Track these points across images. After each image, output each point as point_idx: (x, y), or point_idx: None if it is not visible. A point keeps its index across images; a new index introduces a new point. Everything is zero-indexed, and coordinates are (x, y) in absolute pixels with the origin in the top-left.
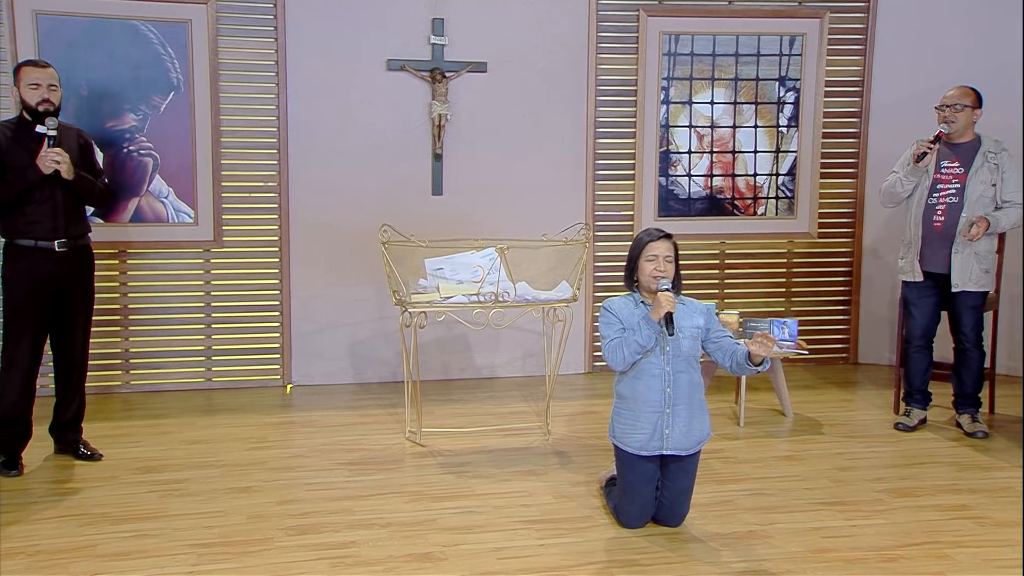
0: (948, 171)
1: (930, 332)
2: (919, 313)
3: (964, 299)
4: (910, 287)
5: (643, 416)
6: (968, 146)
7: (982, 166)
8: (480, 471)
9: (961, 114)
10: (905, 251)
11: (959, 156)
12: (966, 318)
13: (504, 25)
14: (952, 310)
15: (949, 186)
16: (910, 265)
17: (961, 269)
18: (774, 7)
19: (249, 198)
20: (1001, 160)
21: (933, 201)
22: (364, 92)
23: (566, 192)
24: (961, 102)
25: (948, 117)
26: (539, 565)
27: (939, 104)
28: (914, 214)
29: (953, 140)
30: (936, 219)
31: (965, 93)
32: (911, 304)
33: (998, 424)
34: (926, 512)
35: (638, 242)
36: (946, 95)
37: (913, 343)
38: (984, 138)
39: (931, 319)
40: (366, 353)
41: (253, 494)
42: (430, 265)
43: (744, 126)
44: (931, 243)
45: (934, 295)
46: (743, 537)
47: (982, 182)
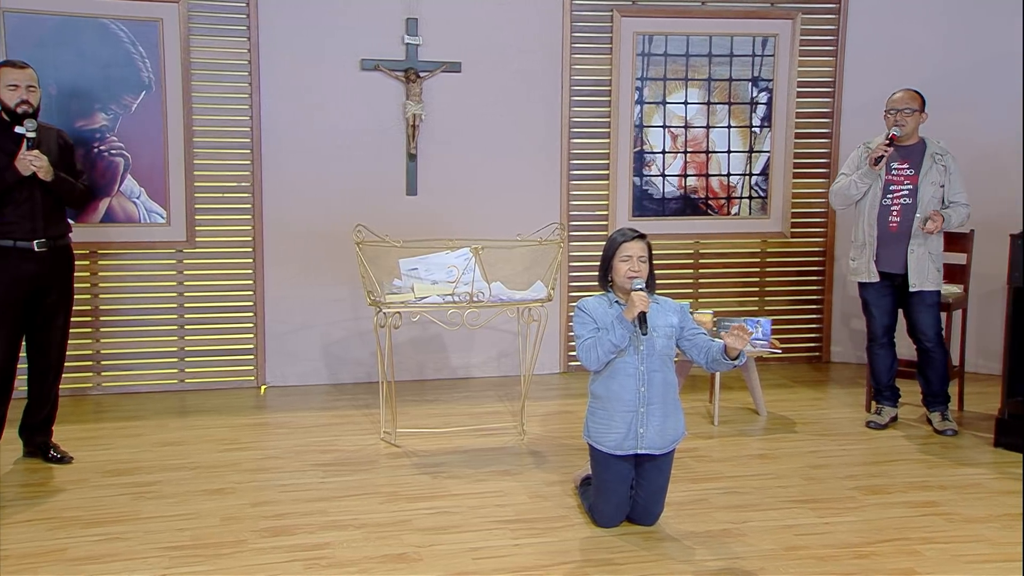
0: (899, 173)
1: (891, 329)
2: (879, 312)
3: (922, 298)
4: (867, 288)
5: (617, 415)
6: (916, 148)
7: (931, 168)
8: (455, 471)
9: (911, 118)
10: (858, 253)
11: (908, 158)
12: (924, 317)
13: (478, 25)
14: (909, 310)
15: (902, 187)
16: (865, 266)
17: (918, 269)
18: (747, 8)
19: (222, 198)
20: (947, 162)
21: (887, 202)
22: (338, 92)
23: (541, 192)
24: (910, 106)
25: (899, 121)
26: (514, 565)
27: (888, 108)
28: (867, 215)
29: (902, 142)
30: (892, 220)
31: (912, 97)
32: (870, 304)
33: (967, 421)
34: (897, 509)
35: (612, 242)
36: (893, 99)
37: (877, 341)
38: (928, 140)
39: (891, 316)
40: (341, 354)
41: (226, 496)
42: (404, 265)
43: (717, 126)
44: (887, 243)
45: (891, 294)
46: (717, 535)
47: (932, 183)
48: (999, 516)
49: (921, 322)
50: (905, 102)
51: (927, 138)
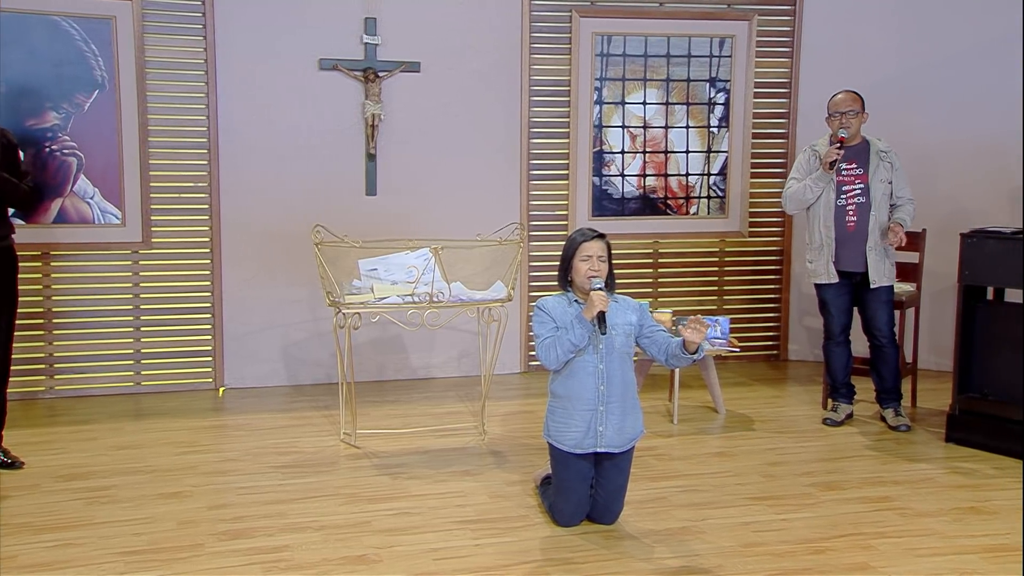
0: (849, 173)
1: (848, 327)
2: (836, 311)
3: (879, 294)
4: (825, 288)
5: (577, 414)
6: (861, 148)
7: (879, 165)
8: (415, 472)
9: (855, 119)
10: (815, 255)
11: (855, 158)
12: (881, 314)
13: (437, 25)
14: (865, 307)
15: (854, 187)
16: (824, 267)
17: (876, 266)
18: (704, 9)
19: (179, 199)
20: (893, 159)
21: (842, 203)
22: (296, 91)
23: (501, 192)
24: (853, 108)
25: (844, 123)
26: (474, 565)
27: (831, 111)
28: (823, 217)
29: (847, 143)
30: (849, 220)
31: (854, 99)
32: (828, 303)
33: (920, 417)
34: (852, 504)
35: (571, 242)
36: (835, 101)
37: (833, 339)
38: (871, 139)
39: (848, 315)
40: (300, 355)
41: (183, 499)
42: (364, 266)
43: (676, 126)
44: (845, 243)
45: (848, 293)
46: (676, 533)
47: (882, 180)
48: (950, 510)
49: (877, 319)
50: (848, 104)
51: (869, 137)
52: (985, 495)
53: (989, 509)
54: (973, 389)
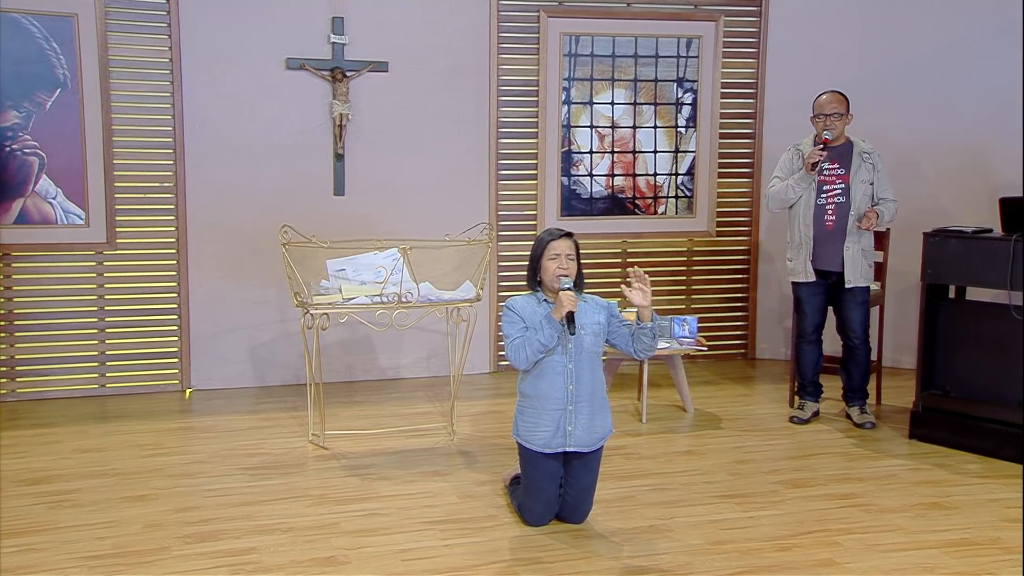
0: (831, 173)
1: (821, 326)
2: (811, 310)
3: (855, 295)
4: (801, 286)
5: (546, 414)
6: (844, 148)
7: (861, 166)
8: (384, 473)
9: (839, 120)
10: (795, 253)
11: (838, 159)
12: (856, 314)
13: (405, 25)
14: (840, 307)
15: (835, 187)
16: (802, 266)
17: (852, 266)
18: (671, 10)
19: (144, 199)
20: (875, 160)
21: (822, 202)
22: (263, 91)
23: (469, 192)
24: (838, 110)
25: (828, 124)
26: (444, 565)
27: (815, 112)
28: (802, 216)
29: (831, 144)
30: (828, 219)
31: (839, 100)
32: (803, 302)
33: (884, 415)
34: (818, 501)
35: (540, 242)
36: (820, 102)
37: (806, 337)
38: (855, 140)
39: (822, 314)
40: (268, 356)
41: (149, 502)
42: (332, 266)
43: (644, 126)
44: (824, 243)
45: (823, 292)
46: (644, 532)
47: (863, 181)
48: (913, 505)
49: (852, 319)
50: (833, 106)
51: (853, 138)
52: (947, 491)
53: (951, 504)
54: (936, 386)
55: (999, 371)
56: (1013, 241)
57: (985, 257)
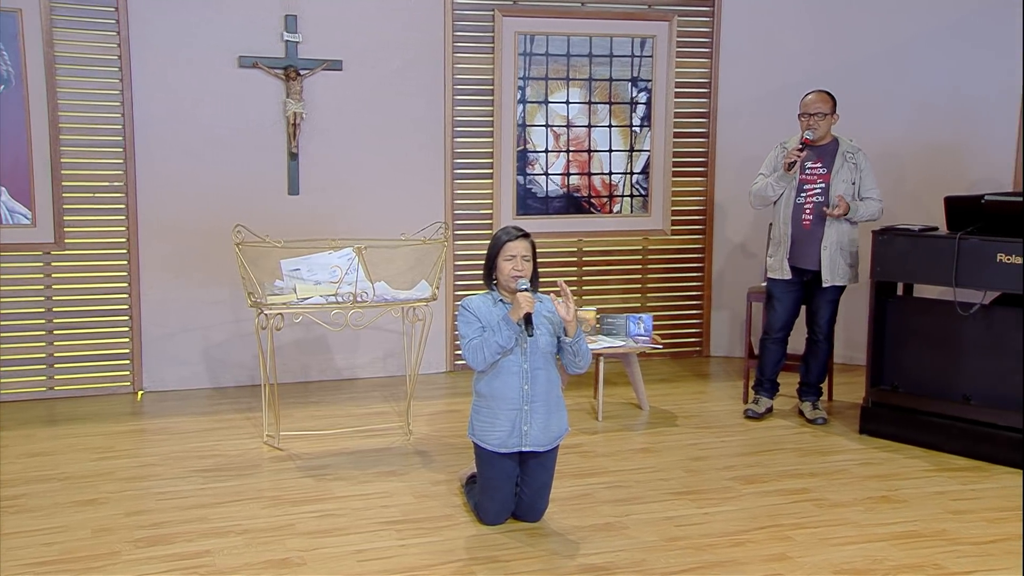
0: (812, 172)
1: (789, 325)
2: (781, 307)
3: (827, 293)
4: (776, 283)
5: (502, 413)
6: (828, 147)
7: (843, 166)
8: (340, 473)
9: (823, 120)
10: (775, 250)
11: (821, 157)
12: (824, 311)
13: (359, 23)
14: (811, 302)
15: (815, 186)
16: (779, 263)
17: (830, 265)
18: (625, 10)
19: (93, 198)
20: (859, 160)
21: (801, 201)
22: (215, 89)
23: (424, 191)
24: (822, 109)
25: (812, 124)
26: (400, 566)
27: (801, 111)
28: (782, 214)
29: (814, 143)
30: (805, 218)
31: (824, 100)
32: (775, 298)
33: (836, 410)
34: (771, 497)
35: (496, 241)
36: (806, 101)
37: (772, 335)
38: (841, 139)
39: (792, 313)
40: (222, 356)
41: (99, 506)
42: (286, 266)
43: (599, 125)
44: (801, 241)
45: (797, 290)
46: (601, 529)
47: (843, 181)
48: (863, 500)
49: (819, 315)
50: (817, 105)
51: (840, 137)
52: (895, 484)
53: (899, 498)
54: (885, 382)
55: (945, 367)
56: (957, 239)
57: (931, 255)
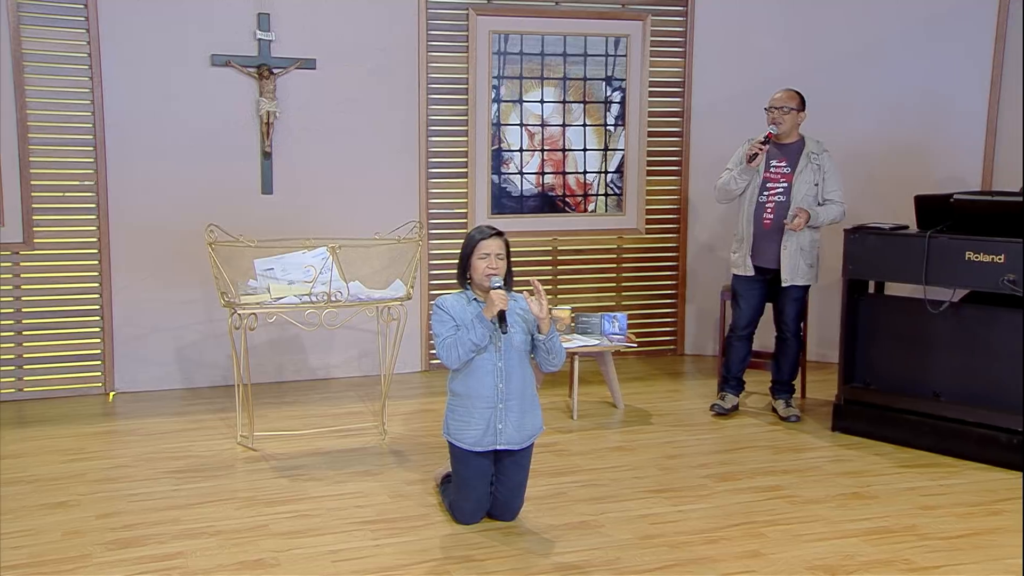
0: (776, 170)
1: (753, 323)
2: (746, 305)
3: (790, 292)
4: (740, 280)
5: (476, 412)
6: (794, 147)
7: (806, 167)
8: (314, 473)
9: (788, 116)
10: (738, 246)
11: (786, 156)
12: (789, 310)
13: (333, 22)
14: (776, 302)
15: (778, 184)
16: (742, 260)
17: (790, 264)
18: (599, 9)
19: (63, 198)
20: (823, 161)
21: (763, 199)
22: (187, 87)
23: (399, 190)
24: (788, 105)
25: (776, 119)
26: (374, 566)
27: (767, 106)
28: (746, 211)
29: (780, 141)
30: (766, 216)
31: (791, 96)
32: (740, 296)
33: (809, 408)
34: (745, 494)
35: (470, 240)
36: (773, 97)
37: (737, 332)
38: (807, 139)
39: (756, 311)
40: (195, 357)
41: (69, 509)
42: (260, 265)
43: (573, 125)
44: (762, 239)
45: (761, 288)
46: (576, 527)
47: (806, 182)
48: (835, 496)
49: (786, 314)
50: (783, 101)
51: (807, 137)
52: (867, 481)
53: (870, 494)
54: (857, 379)
55: (916, 364)
56: (927, 237)
57: (901, 253)
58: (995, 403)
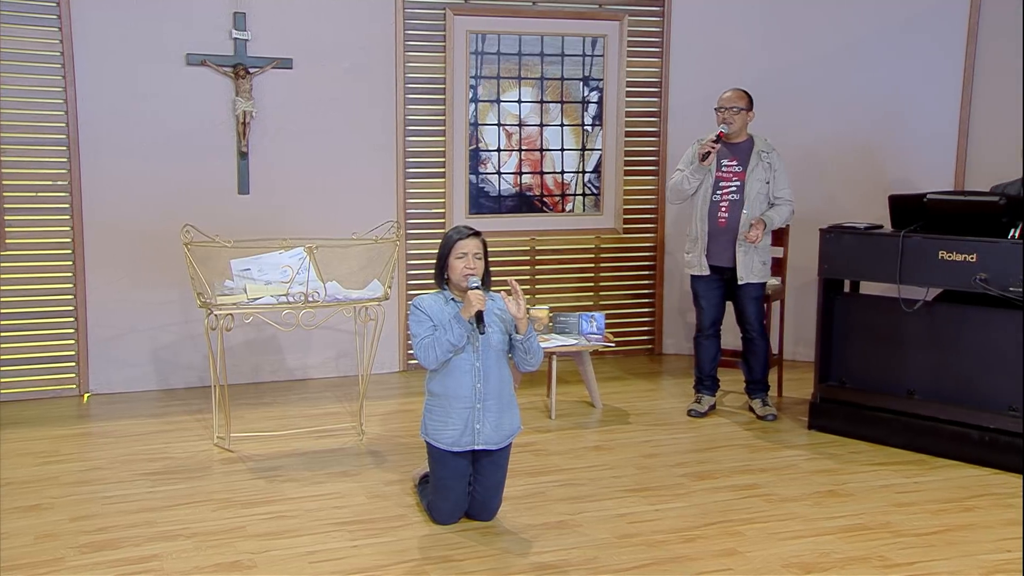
0: (728, 169)
1: (718, 321)
2: (707, 304)
3: (748, 291)
4: (698, 280)
5: (454, 412)
6: (744, 145)
7: (757, 165)
8: (292, 474)
9: (738, 116)
10: (691, 246)
11: (737, 155)
12: (750, 308)
13: (309, 21)
14: (736, 302)
15: (731, 183)
16: (697, 260)
17: (744, 263)
18: (576, 9)
19: (36, 198)
20: (773, 159)
21: (716, 198)
22: (163, 87)
23: (377, 190)
24: (737, 105)
25: (727, 118)
26: (352, 567)
27: (717, 106)
28: (699, 211)
29: (730, 140)
30: (720, 216)
31: (740, 96)
32: (700, 296)
33: (786, 406)
34: (722, 493)
35: (447, 240)
36: (722, 97)
37: (703, 332)
38: (756, 138)
39: (719, 309)
40: (171, 358)
41: (42, 512)
42: (236, 266)
43: (551, 124)
44: (716, 238)
45: (720, 287)
46: (554, 527)
47: (758, 180)
48: (811, 494)
49: (747, 313)
50: (732, 101)
51: (756, 136)
52: (842, 479)
53: (846, 492)
54: (833, 378)
55: (890, 362)
56: (901, 237)
57: (876, 252)
58: (968, 401)
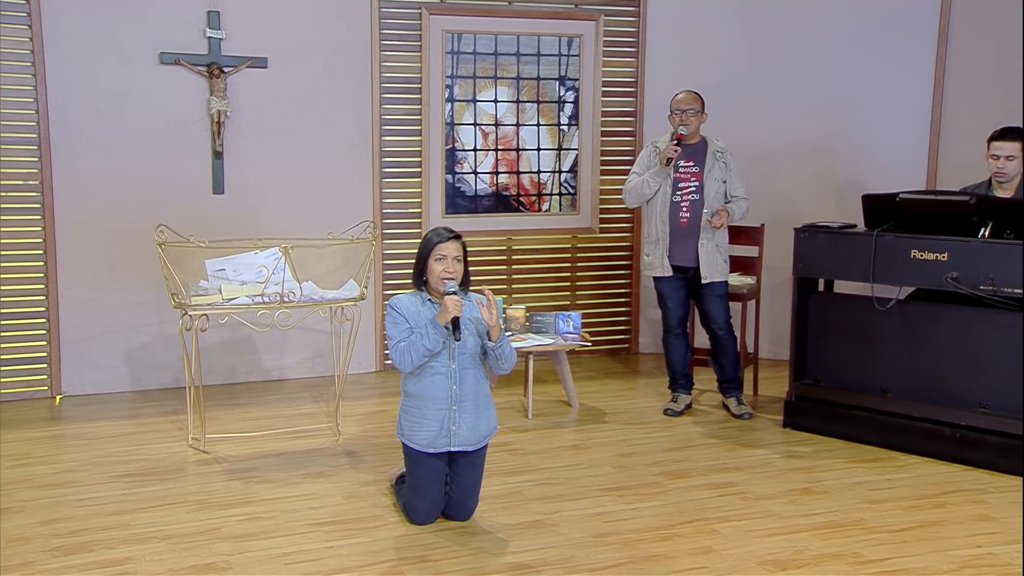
0: (686, 170)
1: (685, 320)
2: (673, 304)
3: (712, 289)
4: (662, 281)
5: (430, 413)
6: (699, 147)
7: (714, 165)
8: (268, 475)
9: (695, 117)
10: (652, 248)
11: (693, 156)
12: (715, 307)
13: (284, 20)
14: (701, 301)
15: (690, 184)
16: (659, 261)
17: (708, 262)
18: (552, 9)
19: (6, 197)
20: (727, 159)
21: (677, 199)
22: (136, 86)
23: (352, 190)
24: (693, 107)
25: (685, 120)
26: (328, 568)
27: (673, 109)
28: (659, 212)
29: (686, 142)
30: (682, 216)
31: (695, 98)
32: (665, 297)
33: (761, 405)
34: (698, 491)
35: (427, 242)
36: (677, 100)
37: (671, 331)
38: (709, 139)
39: (684, 308)
40: (145, 359)
41: (13, 515)
42: (211, 266)
43: (527, 124)
44: (678, 238)
45: (684, 286)
46: (530, 526)
47: (716, 179)
48: (786, 492)
49: (712, 311)
50: (688, 103)
51: (708, 137)
52: (817, 476)
53: (820, 489)
54: (807, 376)
55: (864, 361)
56: (874, 236)
57: (850, 251)
58: (939, 398)
